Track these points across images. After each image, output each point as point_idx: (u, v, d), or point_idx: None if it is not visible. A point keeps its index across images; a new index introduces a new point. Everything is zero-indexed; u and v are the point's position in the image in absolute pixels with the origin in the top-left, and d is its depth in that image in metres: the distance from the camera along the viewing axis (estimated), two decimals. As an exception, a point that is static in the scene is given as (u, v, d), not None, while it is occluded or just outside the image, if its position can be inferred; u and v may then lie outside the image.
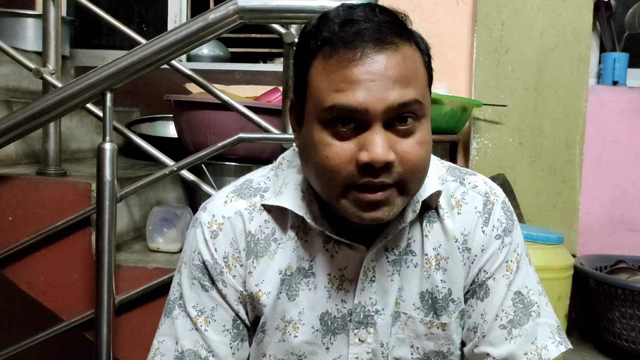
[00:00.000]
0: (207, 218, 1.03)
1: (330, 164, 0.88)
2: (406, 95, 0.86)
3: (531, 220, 2.86)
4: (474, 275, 1.04)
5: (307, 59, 0.92)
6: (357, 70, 0.85)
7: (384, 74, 0.85)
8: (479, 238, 1.03)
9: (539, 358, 1.01)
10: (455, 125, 2.59)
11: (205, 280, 1.02)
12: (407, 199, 0.92)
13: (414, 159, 0.88)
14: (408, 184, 0.89)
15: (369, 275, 1.02)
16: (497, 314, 1.02)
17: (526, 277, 1.05)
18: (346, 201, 0.90)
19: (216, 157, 2.07)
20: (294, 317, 1.02)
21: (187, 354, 1.02)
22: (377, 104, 0.85)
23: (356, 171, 0.87)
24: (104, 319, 1.57)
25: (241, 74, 3.12)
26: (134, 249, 1.91)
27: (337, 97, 0.86)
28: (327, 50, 0.88)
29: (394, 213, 0.90)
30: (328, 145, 0.88)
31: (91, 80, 1.55)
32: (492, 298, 1.03)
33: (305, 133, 0.94)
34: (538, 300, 1.04)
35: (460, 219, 1.03)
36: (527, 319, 1.02)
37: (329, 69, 0.87)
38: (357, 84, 0.85)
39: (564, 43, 2.84)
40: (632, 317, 2.55)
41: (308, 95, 0.92)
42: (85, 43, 3.41)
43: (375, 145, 0.85)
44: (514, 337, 1.02)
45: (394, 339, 1.04)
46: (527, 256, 1.08)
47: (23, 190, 1.77)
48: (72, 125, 2.42)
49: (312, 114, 0.91)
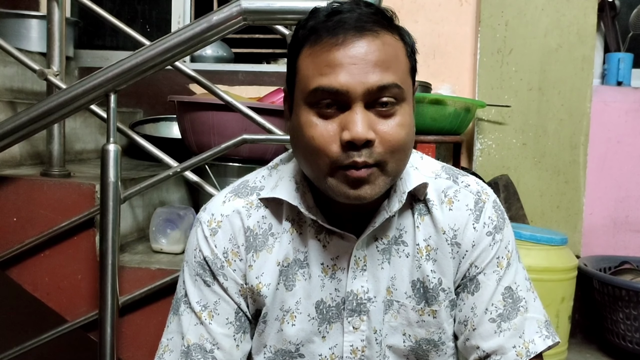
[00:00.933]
0: (206, 217, 1.09)
1: (316, 143, 0.93)
2: (385, 79, 0.92)
3: (535, 221, 2.86)
4: (465, 270, 1.08)
5: (296, 50, 0.99)
6: (339, 55, 0.92)
7: (364, 57, 0.92)
8: (470, 234, 1.07)
9: (527, 351, 1.05)
10: (458, 126, 2.59)
11: (207, 275, 1.07)
12: (389, 180, 0.97)
13: (393, 139, 0.93)
14: (388, 164, 0.94)
15: (360, 264, 1.06)
16: (487, 308, 1.06)
17: (516, 273, 1.09)
18: (333, 179, 0.95)
19: (219, 157, 2.07)
20: (291, 307, 1.07)
21: (193, 348, 1.06)
22: (357, 86, 0.91)
23: (340, 151, 0.92)
24: (108, 320, 1.57)
25: (245, 74, 3.13)
26: (137, 250, 1.92)
27: (321, 80, 0.92)
28: (313, 38, 0.95)
29: (377, 192, 0.95)
30: (313, 126, 0.94)
31: (95, 82, 1.56)
32: (482, 292, 1.07)
33: (294, 118, 1.00)
34: (526, 296, 1.08)
35: (450, 214, 1.07)
36: (516, 314, 1.06)
37: (314, 55, 0.94)
38: (339, 67, 0.91)
39: (568, 43, 2.85)
40: (636, 318, 2.55)
41: (297, 82, 0.99)
42: (89, 44, 3.42)
43: (355, 124, 0.91)
44: (503, 330, 1.05)
45: (387, 327, 1.08)
46: (517, 253, 1.12)
47: (27, 191, 1.78)
48: (76, 126, 2.43)
49: (300, 98, 0.97)
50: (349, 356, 1.07)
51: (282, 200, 1.07)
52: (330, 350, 1.08)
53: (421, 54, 2.93)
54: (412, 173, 1.07)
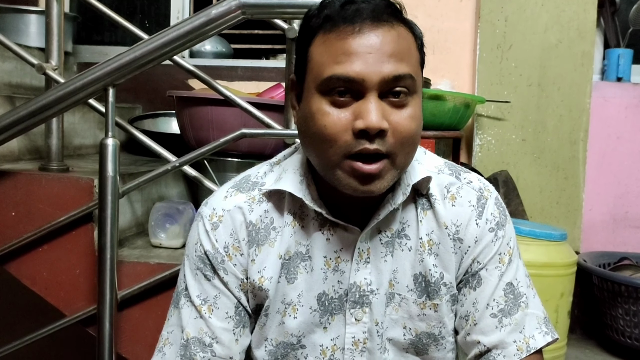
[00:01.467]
0: (207, 212, 1.09)
1: (328, 132, 0.93)
2: (400, 69, 0.92)
3: (534, 217, 2.87)
4: (467, 265, 1.08)
5: (308, 36, 0.98)
6: (355, 43, 0.92)
7: (380, 48, 0.92)
8: (473, 230, 1.07)
9: (527, 346, 1.05)
10: (458, 122, 2.59)
11: (207, 269, 1.07)
12: (397, 174, 0.97)
13: (405, 130, 0.94)
14: (398, 156, 0.94)
15: (364, 256, 1.06)
16: (488, 303, 1.06)
17: (517, 270, 1.09)
18: (341, 172, 0.94)
19: (219, 153, 2.07)
20: (293, 300, 1.07)
21: (192, 342, 1.07)
22: (373, 75, 0.91)
23: (352, 139, 0.92)
24: (107, 315, 1.57)
25: (244, 70, 3.14)
26: (136, 245, 1.92)
27: (336, 68, 0.92)
28: (328, 26, 0.94)
29: (385, 186, 0.96)
30: (326, 114, 0.93)
31: (93, 76, 1.55)
32: (484, 288, 1.07)
33: (304, 106, 0.99)
34: (527, 292, 1.09)
35: (453, 210, 1.08)
36: (517, 309, 1.07)
37: (329, 43, 0.94)
38: (355, 55, 0.91)
39: (567, 39, 2.85)
40: (635, 314, 2.56)
41: (308, 70, 0.98)
42: (88, 39, 3.42)
43: (370, 113, 0.91)
44: (504, 325, 1.06)
45: (388, 320, 1.08)
46: (517, 250, 1.12)
47: (26, 185, 1.78)
48: (75, 121, 2.43)
49: (312, 86, 0.96)
50: (350, 347, 1.08)
51: (284, 194, 1.07)
52: (332, 342, 1.08)
53: (421, 49, 2.96)
54: (417, 167, 1.07)
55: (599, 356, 2.71)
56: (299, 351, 1.09)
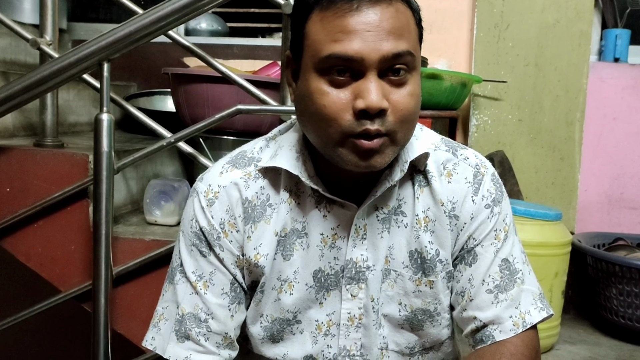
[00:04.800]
0: (203, 187, 1.09)
1: (328, 112, 0.93)
2: (399, 47, 0.92)
3: (530, 197, 2.88)
4: (463, 242, 1.09)
5: (304, 13, 0.97)
6: (354, 21, 0.90)
7: (379, 24, 0.91)
8: (469, 207, 1.08)
9: (523, 322, 1.06)
10: (454, 101, 2.59)
11: (203, 246, 1.08)
12: (397, 149, 0.98)
13: (405, 108, 0.94)
14: (398, 133, 0.95)
15: (360, 232, 1.07)
16: (484, 279, 1.07)
17: (512, 246, 1.10)
18: (343, 149, 0.95)
19: (214, 131, 2.08)
20: (289, 276, 1.08)
21: (188, 317, 1.08)
22: (372, 53, 0.90)
23: (353, 119, 0.92)
24: (102, 291, 1.58)
25: (240, 48, 3.13)
26: (131, 222, 1.92)
27: (334, 47, 0.91)
28: (324, 3, 0.93)
29: (386, 162, 0.96)
30: (325, 94, 0.93)
31: (88, 50, 1.54)
32: (479, 264, 1.08)
33: (301, 85, 0.98)
34: (522, 269, 1.10)
35: (449, 187, 1.08)
36: (513, 285, 1.08)
37: (327, 20, 0.92)
38: (354, 33, 0.90)
39: (565, 19, 2.84)
40: (629, 294, 2.58)
41: (305, 47, 0.96)
42: (83, 17, 3.41)
43: (370, 92, 0.90)
44: (500, 301, 1.07)
45: (384, 296, 1.09)
46: (513, 226, 1.13)
47: (20, 161, 1.78)
48: (70, 99, 2.42)
49: (309, 65, 0.95)
50: (346, 323, 1.09)
51: (280, 170, 1.07)
52: (328, 317, 1.10)
53: (418, 28, 2.94)
54: (414, 143, 1.07)
55: (592, 336, 2.73)
56: (295, 326, 1.11)
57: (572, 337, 2.69)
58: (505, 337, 1.05)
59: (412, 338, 1.12)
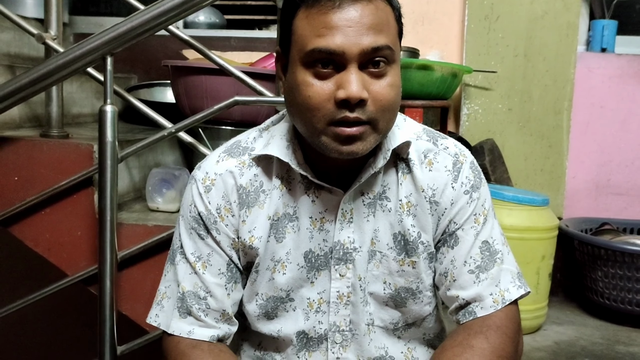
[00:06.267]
0: (201, 175, 1.16)
1: (312, 102, 0.99)
2: (379, 41, 0.98)
3: (519, 184, 2.94)
4: (444, 226, 1.15)
5: (291, 11, 1.03)
6: (336, 17, 0.97)
7: (359, 21, 0.97)
8: (449, 193, 1.14)
9: (502, 298, 1.12)
10: (445, 91, 2.64)
11: (201, 229, 1.15)
12: (379, 137, 1.03)
13: (384, 98, 1.00)
14: (379, 122, 1.01)
15: (347, 216, 1.13)
16: (465, 261, 1.13)
17: (492, 229, 1.16)
18: (326, 137, 1.01)
19: (213, 121, 2.12)
20: (282, 257, 1.14)
21: (188, 295, 1.14)
22: (353, 47, 0.96)
23: (334, 108, 0.98)
24: (107, 274, 1.62)
25: (237, 40, 3.16)
26: (134, 209, 1.97)
27: (318, 41, 0.97)
28: (309, 1, 0.99)
29: (367, 148, 1.02)
30: (310, 85, 0.99)
31: (92, 45, 1.59)
32: (461, 246, 1.14)
33: (289, 78, 1.05)
34: (502, 249, 1.15)
35: (430, 175, 1.14)
36: (493, 265, 1.13)
37: (311, 17, 0.99)
38: (336, 29, 0.97)
39: (553, 10, 2.89)
40: (614, 276, 2.65)
41: (292, 42, 1.03)
42: (84, 10, 3.43)
43: (351, 83, 0.97)
44: (481, 280, 1.12)
45: (370, 276, 1.15)
46: (492, 210, 1.18)
47: (28, 151, 1.82)
48: (73, 91, 2.47)
49: (296, 58, 1.02)
50: (335, 301, 1.15)
51: (273, 159, 1.13)
52: (319, 295, 1.16)
53: (410, 20, 3.00)
54: (397, 132, 1.13)
55: (579, 317, 2.80)
56: (288, 304, 1.16)
57: (560, 318, 2.76)
58: (485, 313, 1.10)
59: (395, 314, 1.18)
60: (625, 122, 3.04)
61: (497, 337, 1.07)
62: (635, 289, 2.61)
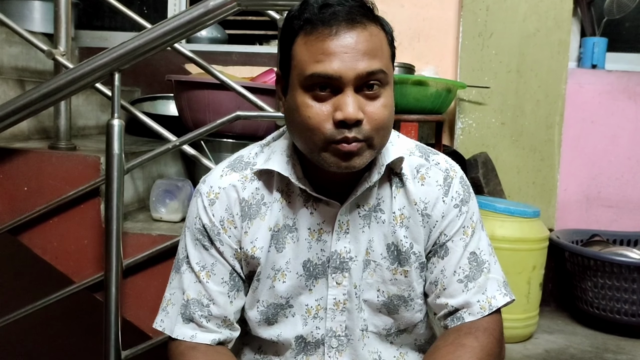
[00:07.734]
0: (206, 189, 1.21)
1: (312, 122, 1.05)
2: (373, 65, 1.04)
3: (512, 196, 2.99)
4: (435, 238, 1.21)
5: (291, 37, 1.09)
6: (333, 44, 1.03)
7: (355, 47, 1.03)
8: (440, 207, 1.20)
9: (489, 305, 1.18)
10: (440, 106, 2.67)
11: (206, 240, 1.20)
12: (374, 153, 1.10)
13: (379, 118, 1.06)
14: (374, 139, 1.07)
15: (344, 227, 1.19)
16: (455, 270, 1.19)
17: (479, 240, 1.22)
18: (326, 153, 1.07)
19: (214, 134, 2.13)
20: (282, 266, 1.20)
21: (192, 302, 1.20)
22: (349, 72, 1.03)
23: (334, 128, 1.04)
24: (113, 281, 1.66)
25: (238, 55, 3.20)
26: (138, 219, 2.01)
27: (317, 67, 1.03)
28: (308, 29, 1.05)
29: (364, 163, 1.08)
30: (309, 107, 1.06)
31: (101, 61, 1.65)
32: (450, 257, 1.20)
33: (289, 99, 1.11)
34: (489, 260, 1.22)
35: (422, 189, 1.20)
36: (480, 274, 1.20)
37: (310, 44, 1.05)
38: (333, 55, 1.03)
39: (545, 28, 2.95)
40: (603, 286, 2.70)
41: (292, 67, 1.09)
42: (89, 25, 3.47)
43: (347, 105, 1.03)
44: (469, 289, 1.18)
45: (364, 284, 1.21)
46: (480, 223, 1.25)
47: (37, 163, 1.86)
48: (79, 104, 2.51)
49: (296, 82, 1.08)
50: (332, 307, 1.21)
51: (273, 173, 1.19)
52: (317, 302, 1.21)
53: (406, 37, 3.07)
54: (390, 149, 1.19)
55: (569, 326, 2.84)
56: (287, 310, 1.22)
57: (551, 327, 2.81)
58: (473, 318, 1.16)
59: (388, 321, 1.23)
60: (615, 136, 3.10)
61: (486, 338, 1.14)
62: (624, 299, 2.67)
